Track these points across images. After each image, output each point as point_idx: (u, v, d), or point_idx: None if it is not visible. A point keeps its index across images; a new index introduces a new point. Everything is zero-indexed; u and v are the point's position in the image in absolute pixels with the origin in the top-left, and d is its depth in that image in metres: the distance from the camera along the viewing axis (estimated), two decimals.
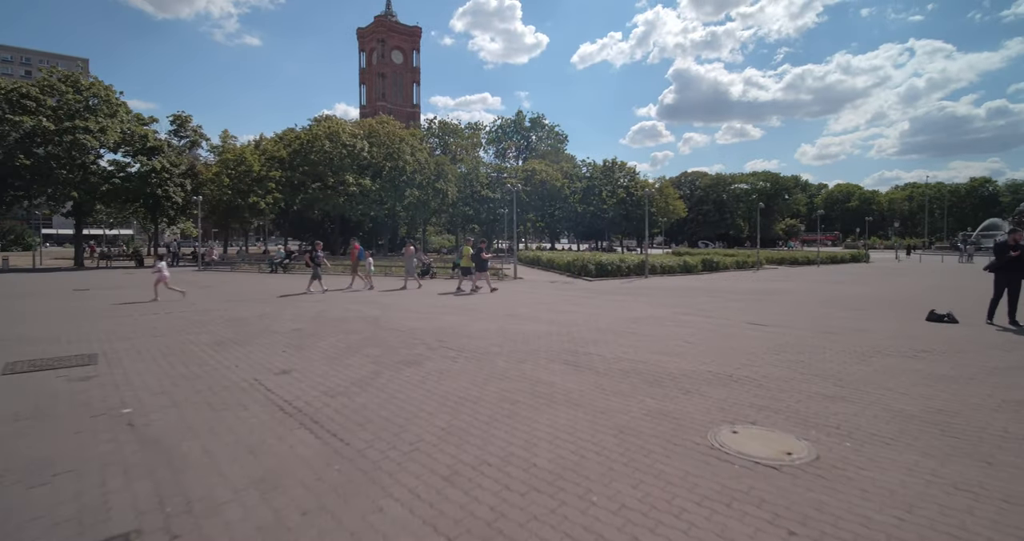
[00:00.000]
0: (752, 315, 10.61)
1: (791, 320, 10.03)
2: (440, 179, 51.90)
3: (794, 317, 10.43)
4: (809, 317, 10.45)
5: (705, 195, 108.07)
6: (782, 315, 10.69)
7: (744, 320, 9.95)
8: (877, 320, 10.14)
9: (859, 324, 9.60)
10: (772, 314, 10.83)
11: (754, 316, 10.49)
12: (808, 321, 9.92)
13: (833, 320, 10.06)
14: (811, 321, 9.93)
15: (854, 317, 10.49)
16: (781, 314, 10.84)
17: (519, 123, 75.56)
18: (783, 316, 10.56)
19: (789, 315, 10.71)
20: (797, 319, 10.17)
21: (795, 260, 36.33)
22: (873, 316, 10.67)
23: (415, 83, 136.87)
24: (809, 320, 10.05)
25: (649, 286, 18.12)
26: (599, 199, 66.89)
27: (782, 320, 10.01)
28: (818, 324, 9.54)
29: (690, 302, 12.95)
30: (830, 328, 9.12)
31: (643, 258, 23.99)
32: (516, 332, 8.71)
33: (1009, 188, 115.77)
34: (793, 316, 10.57)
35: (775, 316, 10.56)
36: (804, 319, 10.18)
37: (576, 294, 15.37)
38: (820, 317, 10.47)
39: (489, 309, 11.81)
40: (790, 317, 10.43)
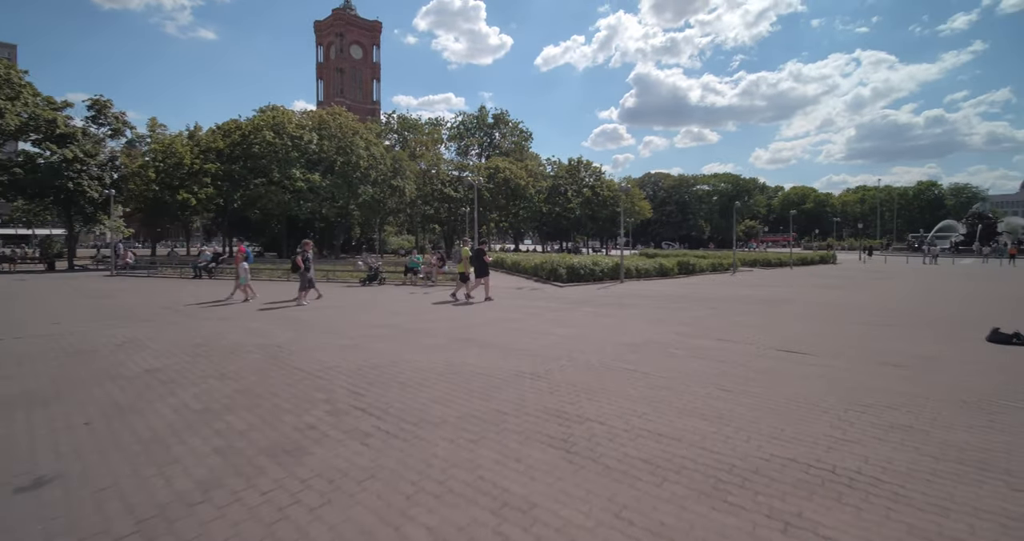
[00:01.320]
0: (775, 337, 8.33)
1: (828, 344, 7.78)
2: (397, 176, 48.66)
3: (827, 339, 8.20)
4: (844, 338, 8.24)
5: (668, 196, 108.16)
6: (811, 336, 8.45)
7: (771, 345, 7.63)
8: (928, 341, 8.02)
9: (915, 348, 7.43)
10: (797, 334, 8.58)
11: (778, 338, 8.21)
12: (849, 345, 7.69)
13: (877, 342, 7.88)
14: (853, 345, 7.70)
15: (897, 337, 8.36)
16: (809, 334, 8.60)
17: (482, 119, 72.79)
18: (813, 337, 8.32)
19: (819, 335, 8.48)
20: (833, 342, 7.94)
21: (768, 262, 35.04)
22: (916, 335, 8.57)
23: (375, 79, 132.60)
24: (849, 343, 7.83)
25: (629, 293, 15.82)
26: (564, 199, 64.96)
27: (817, 344, 7.75)
28: (866, 350, 7.31)
29: (688, 316, 10.63)
30: (886, 356, 6.90)
31: (618, 261, 21.76)
32: (472, 372, 6.09)
33: (952, 192, 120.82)
34: (825, 337, 8.34)
35: (803, 337, 8.31)
36: (842, 342, 7.95)
37: (549, 305, 12.87)
38: (857, 338, 8.28)
39: (440, 328, 9.15)
40: (822, 339, 8.19)
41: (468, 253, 14.55)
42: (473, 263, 14.24)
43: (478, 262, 14.23)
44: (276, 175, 40.50)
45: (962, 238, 56.76)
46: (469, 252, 14.56)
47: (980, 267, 33.31)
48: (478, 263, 14.18)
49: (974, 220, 57.34)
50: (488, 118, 72.90)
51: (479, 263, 14.18)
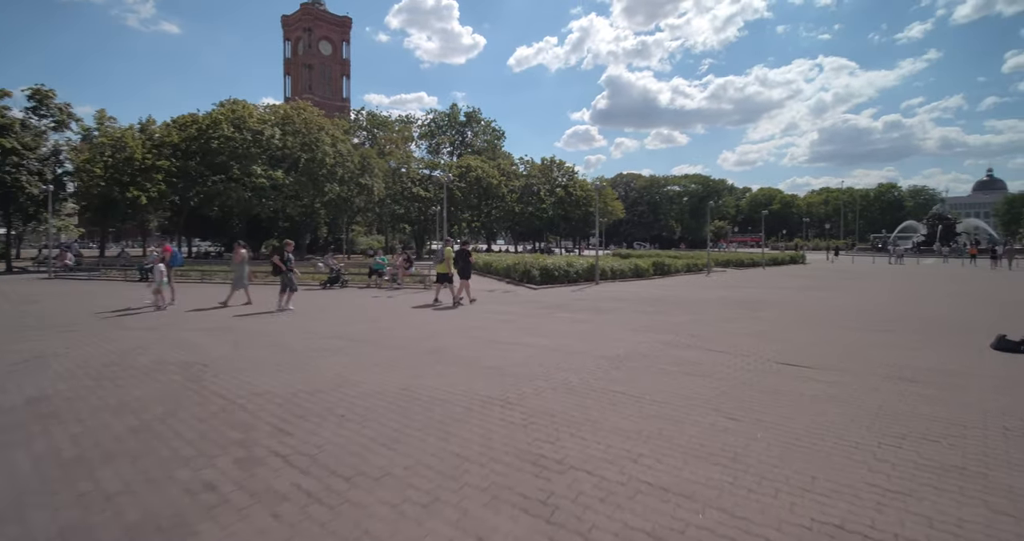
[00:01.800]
0: (770, 346, 7.58)
1: (828, 354, 7.05)
2: (365, 173, 47.11)
3: (826, 348, 7.49)
4: (844, 347, 7.55)
5: (640, 197, 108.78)
6: (808, 344, 7.73)
7: (768, 356, 6.86)
8: (933, 350, 7.38)
9: (922, 359, 6.76)
10: (793, 342, 7.86)
11: (773, 347, 7.46)
12: (851, 356, 6.98)
13: (880, 352, 7.20)
14: (855, 355, 6.99)
15: (897, 345, 7.71)
16: (805, 342, 7.88)
17: (453, 117, 71.53)
18: (810, 346, 7.60)
19: (816, 344, 7.77)
20: (833, 352, 7.22)
21: (740, 262, 34.93)
22: (917, 343, 7.95)
23: (344, 76, 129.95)
24: (850, 353, 7.12)
25: (606, 296, 15.03)
26: (537, 199, 64.28)
27: (817, 354, 7.01)
28: (872, 362, 6.60)
29: (671, 322, 9.85)
30: (896, 370, 6.19)
31: (592, 262, 21.01)
32: (431, 398, 5.10)
33: (911, 193, 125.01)
34: (823, 346, 7.63)
35: (800, 346, 7.58)
36: (842, 351, 7.25)
37: (522, 310, 11.94)
38: (857, 347, 7.59)
39: (401, 339, 8.12)
40: (821, 348, 7.48)
41: (451, 253, 13.61)
42: (457, 264, 13.33)
43: (463, 263, 13.33)
44: (236, 172, 38.57)
45: (923, 238, 58.26)
46: (452, 252, 13.64)
47: (945, 267, 33.87)
48: (463, 264, 13.31)
49: (935, 221, 58.93)
50: (460, 116, 71.72)
51: (464, 264, 13.31)
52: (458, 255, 13.51)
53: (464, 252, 13.61)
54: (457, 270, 13.32)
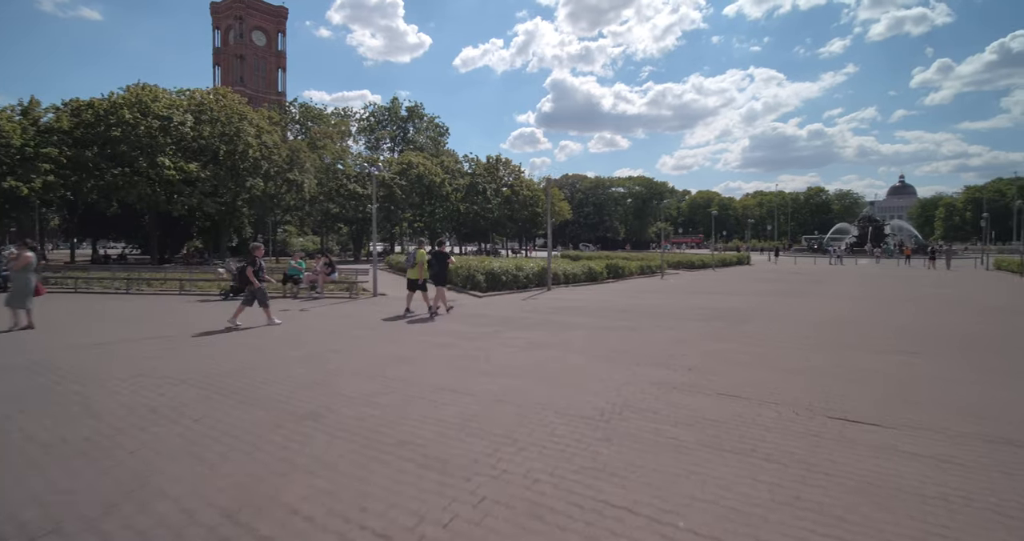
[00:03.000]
0: (796, 385, 5.58)
1: (879, 397, 5.12)
2: (295, 168, 43.16)
3: (866, 386, 5.57)
4: (885, 382, 5.67)
5: (585, 198, 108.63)
6: (839, 380, 5.79)
7: (809, 405, 4.82)
8: (999, 384, 5.63)
9: (1003, 404, 4.94)
10: (817, 376, 5.91)
11: (800, 386, 5.46)
12: (910, 398, 5.08)
13: (937, 389, 5.36)
14: (914, 398, 5.10)
15: (950, 376, 5.93)
16: (834, 378, 5.93)
17: (394, 111, 67.97)
18: (844, 383, 5.65)
19: (848, 379, 5.85)
20: (881, 392, 5.31)
21: (691, 264, 34.09)
22: (966, 370, 6.21)
23: (280, 69, 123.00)
24: (904, 394, 5.23)
25: (562, 306, 12.91)
26: (483, 198, 61.89)
27: (867, 399, 5.06)
28: (948, 409, 4.70)
29: (651, 344, 7.78)
30: (993, 422, 4.30)
31: (543, 264, 18.91)
32: (273, 537, 2.64)
33: (836, 197, 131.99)
34: (859, 382, 5.71)
35: (831, 383, 5.62)
36: (893, 391, 5.34)
37: (463, 327, 9.57)
38: (902, 382, 5.73)
39: (279, 383, 5.56)
40: (861, 387, 5.54)
41: (425, 256, 11.62)
42: (432, 269, 11.42)
43: (438, 267, 11.37)
44: (143, 164, 33.94)
45: (855, 239, 60.39)
46: (426, 255, 11.63)
47: (886, 267, 34.26)
48: (438, 269, 11.37)
49: (865, 223, 61.26)
50: (401, 110, 68.30)
51: (440, 269, 11.38)
52: (433, 258, 11.53)
53: (441, 255, 11.62)
54: (431, 275, 11.45)
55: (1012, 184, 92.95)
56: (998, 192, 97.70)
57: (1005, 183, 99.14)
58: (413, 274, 11.89)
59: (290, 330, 9.42)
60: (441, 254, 11.70)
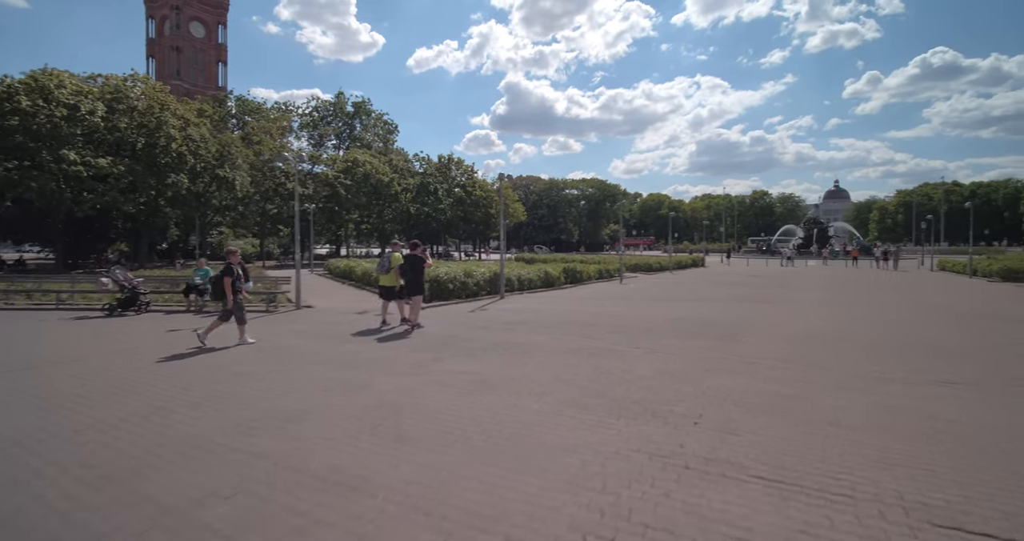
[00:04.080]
0: (852, 452, 3.94)
1: (973, 474, 3.54)
2: (225, 164, 39.58)
3: (939, 450, 4.00)
4: (963, 443, 4.13)
5: (539, 199, 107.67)
6: (912, 444, 4.20)
7: (900, 500, 3.16)
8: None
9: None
10: (876, 436, 4.31)
11: (865, 456, 3.83)
12: (1017, 472, 3.52)
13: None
14: (1015, 470, 3.54)
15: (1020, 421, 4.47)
16: (895, 433, 4.35)
17: (340, 107, 64.43)
18: (921, 450, 4.07)
19: (919, 439, 4.27)
20: (965, 460, 3.74)
21: (649, 266, 33.13)
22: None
23: (220, 63, 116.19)
24: (1003, 465, 3.67)
25: (518, 319, 11.09)
26: (435, 198, 59.48)
27: (964, 480, 3.46)
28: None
29: (630, 379, 6.07)
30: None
31: (495, 269, 17.06)
32: None
33: (779, 200, 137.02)
34: (923, 439, 4.15)
35: (907, 451, 4.02)
36: (978, 457, 3.79)
37: (388, 352, 7.59)
38: (984, 441, 4.21)
39: (101, 452, 3.46)
40: (939, 455, 3.97)
41: (400, 261, 10.27)
42: (405, 274, 9.91)
43: (413, 274, 9.88)
44: (45, 157, 29.88)
45: (801, 241, 61.78)
46: (400, 259, 10.28)
47: (837, 269, 34.38)
48: (413, 275, 9.88)
49: (811, 225, 62.81)
50: (347, 106, 64.87)
51: (415, 275, 9.90)
52: (407, 262, 9.99)
53: (415, 259, 10.06)
54: (405, 283, 9.96)
55: (937, 188, 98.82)
56: (925, 196, 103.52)
57: (931, 187, 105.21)
58: (387, 281, 10.52)
59: (180, 347, 7.14)
60: (415, 258, 10.04)
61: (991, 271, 24.10)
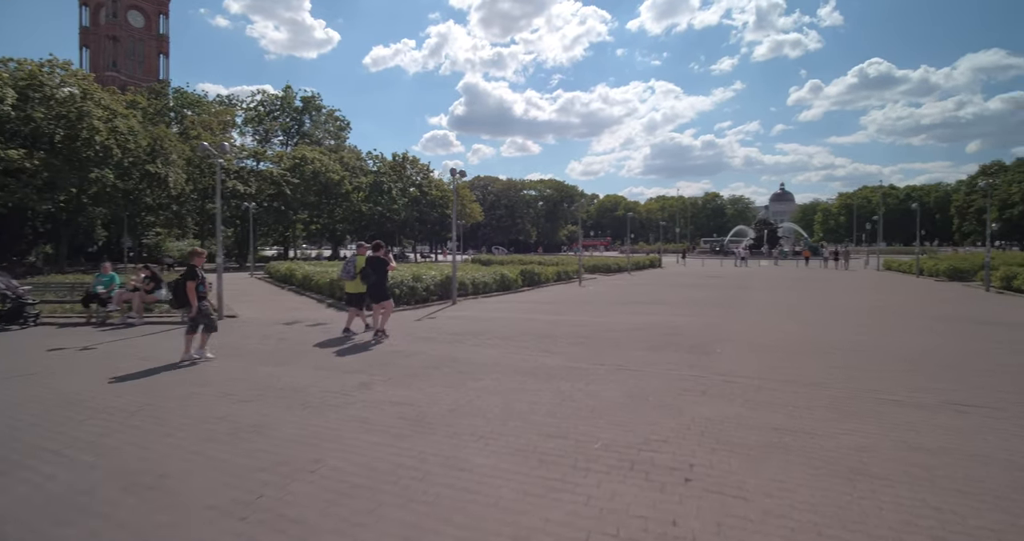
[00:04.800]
0: (887, 509, 3.00)
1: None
2: (157, 160, 36.62)
3: (997, 510, 3.13)
4: (1006, 502, 3.27)
5: (497, 200, 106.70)
6: (955, 499, 3.31)
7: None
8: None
9: None
10: (912, 489, 3.41)
11: (911, 524, 2.90)
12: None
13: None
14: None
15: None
16: (933, 487, 3.47)
17: (287, 101, 61.40)
18: (972, 509, 3.18)
19: (963, 494, 3.40)
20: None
21: (608, 268, 32.67)
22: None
23: (162, 54, 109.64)
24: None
25: (467, 329, 9.95)
26: (389, 198, 57.46)
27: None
28: None
29: (598, 410, 5.04)
30: None
31: (448, 271, 15.84)
32: None
33: (730, 202, 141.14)
34: (978, 501, 3.27)
35: (954, 509, 3.13)
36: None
37: (307, 379, 6.30)
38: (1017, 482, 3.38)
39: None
40: (997, 515, 3.09)
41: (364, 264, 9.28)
42: (367, 279, 9.00)
43: (376, 277, 8.96)
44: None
45: (752, 242, 63.22)
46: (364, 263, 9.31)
47: (790, 269, 34.85)
48: (376, 278, 8.97)
49: (761, 226, 64.36)
50: (296, 100, 61.93)
51: (378, 279, 8.99)
52: (368, 265, 9.04)
53: (377, 261, 9.10)
54: (367, 289, 9.13)
55: (876, 191, 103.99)
56: (865, 199, 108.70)
57: (870, 190, 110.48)
58: (353, 287, 9.59)
59: (6, 398, 5.61)
60: (378, 260, 9.11)
61: (938, 271, 24.67)
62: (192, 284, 7.39)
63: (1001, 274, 17.77)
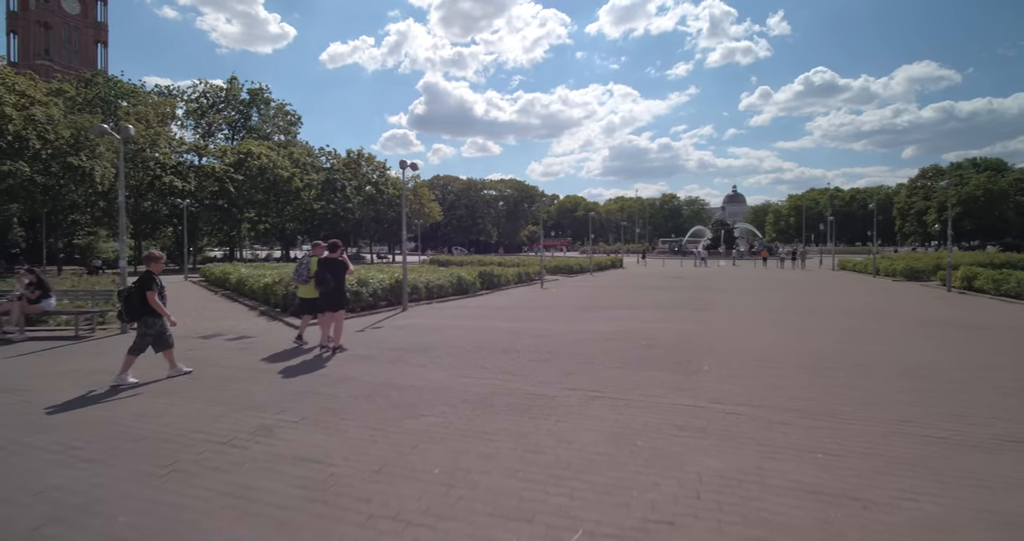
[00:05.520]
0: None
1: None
2: (82, 152, 33.41)
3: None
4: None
5: (458, 199, 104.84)
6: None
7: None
8: None
9: None
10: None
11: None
12: None
13: None
14: None
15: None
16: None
17: (233, 93, 57.90)
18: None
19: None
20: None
21: (570, 269, 31.78)
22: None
23: (100, 43, 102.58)
24: None
25: (414, 341, 8.61)
26: (342, 196, 54.99)
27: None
28: None
29: (572, 462, 3.86)
30: None
31: (400, 274, 14.38)
32: None
33: (686, 203, 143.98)
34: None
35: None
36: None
37: (186, 426, 4.84)
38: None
39: None
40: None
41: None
42: (324, 284, 7.80)
43: (335, 281, 7.83)
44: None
45: (709, 242, 63.98)
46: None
47: (747, 269, 34.87)
48: (335, 284, 7.85)
49: (718, 227, 65.22)
50: (242, 93, 58.50)
51: (337, 284, 7.90)
52: (324, 268, 7.89)
53: (334, 263, 7.99)
54: (320, 295, 7.96)
55: (824, 193, 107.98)
56: (813, 200, 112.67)
57: (818, 192, 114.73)
58: (307, 292, 8.51)
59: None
60: (335, 262, 8.00)
61: (894, 271, 24.86)
62: (152, 294, 6.21)
63: (962, 274, 17.72)
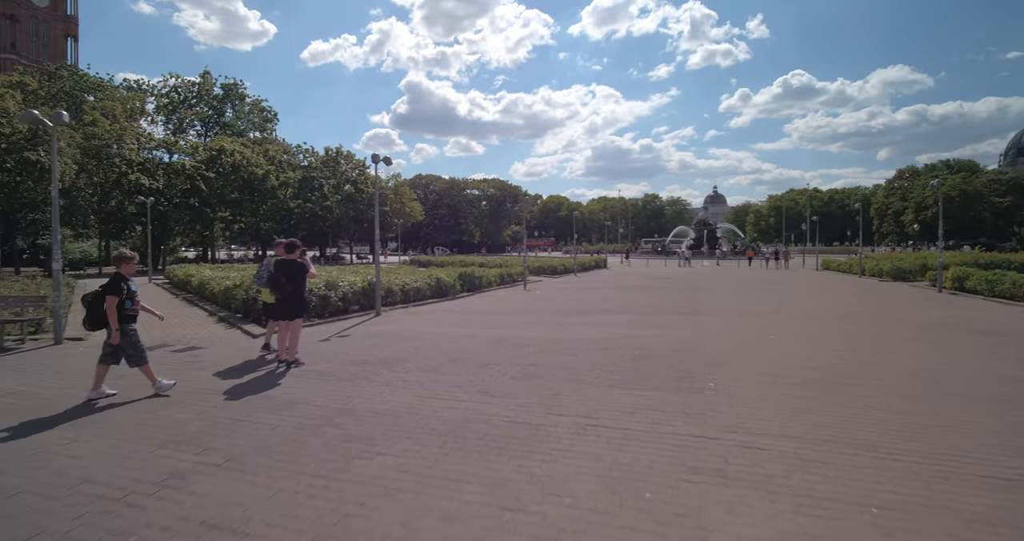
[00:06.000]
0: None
1: None
2: (39, 147, 31.64)
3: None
4: None
5: (440, 199, 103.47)
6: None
7: None
8: None
9: None
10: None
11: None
12: None
13: None
14: None
15: None
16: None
17: (206, 88, 55.95)
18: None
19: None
20: None
21: (554, 269, 31.05)
22: None
23: (70, 37, 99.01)
24: None
25: (383, 352, 7.72)
26: (321, 195, 53.52)
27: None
28: None
29: (554, 521, 3.02)
30: None
31: (372, 279, 13.41)
32: None
33: (669, 203, 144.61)
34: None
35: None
36: None
37: (80, 475, 3.91)
38: None
39: None
40: None
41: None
42: (281, 289, 6.91)
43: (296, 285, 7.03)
44: None
45: (692, 242, 63.90)
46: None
47: (732, 269, 34.52)
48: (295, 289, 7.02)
49: (701, 227, 65.21)
50: (215, 88, 56.57)
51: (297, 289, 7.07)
52: (280, 271, 7.01)
53: (292, 266, 7.13)
54: (276, 301, 7.11)
55: (803, 194, 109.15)
56: (793, 201, 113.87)
57: (797, 193, 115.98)
58: (269, 296, 7.46)
59: None
60: (293, 264, 7.13)
61: (881, 271, 24.58)
62: (114, 300, 5.44)
63: (952, 275, 17.36)
